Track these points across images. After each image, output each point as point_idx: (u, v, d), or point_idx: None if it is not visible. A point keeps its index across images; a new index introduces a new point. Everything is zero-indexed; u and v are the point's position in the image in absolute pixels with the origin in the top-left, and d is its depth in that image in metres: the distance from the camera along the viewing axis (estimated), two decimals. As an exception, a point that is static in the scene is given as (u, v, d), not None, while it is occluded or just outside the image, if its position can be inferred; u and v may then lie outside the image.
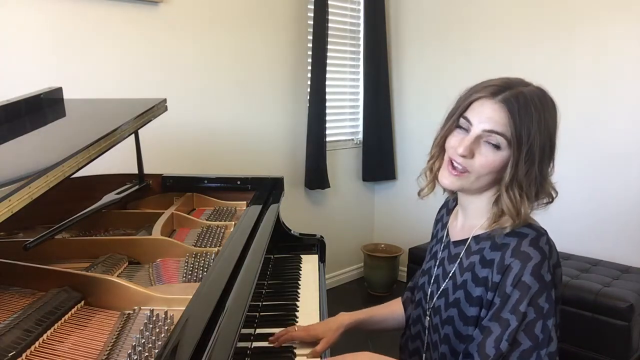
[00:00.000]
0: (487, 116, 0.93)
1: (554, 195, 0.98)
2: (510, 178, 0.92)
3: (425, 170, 1.08)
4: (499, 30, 2.89)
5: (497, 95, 0.93)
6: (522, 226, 0.94)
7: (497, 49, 2.88)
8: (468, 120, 0.96)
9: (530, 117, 0.90)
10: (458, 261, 1.03)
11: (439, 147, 1.04)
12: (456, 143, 0.96)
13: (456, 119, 0.98)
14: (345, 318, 1.20)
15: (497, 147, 0.92)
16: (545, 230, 0.95)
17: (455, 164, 0.97)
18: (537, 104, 0.92)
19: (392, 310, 1.28)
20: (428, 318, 1.08)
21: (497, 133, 0.92)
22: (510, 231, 0.94)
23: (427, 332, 1.09)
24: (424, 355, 1.12)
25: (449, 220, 1.14)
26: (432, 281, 1.10)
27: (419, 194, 1.09)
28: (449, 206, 1.19)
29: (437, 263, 1.11)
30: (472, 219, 1.03)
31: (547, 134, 0.92)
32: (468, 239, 1.02)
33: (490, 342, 0.89)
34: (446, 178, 0.98)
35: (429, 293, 1.10)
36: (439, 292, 1.05)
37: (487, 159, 0.93)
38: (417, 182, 1.09)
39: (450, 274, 1.03)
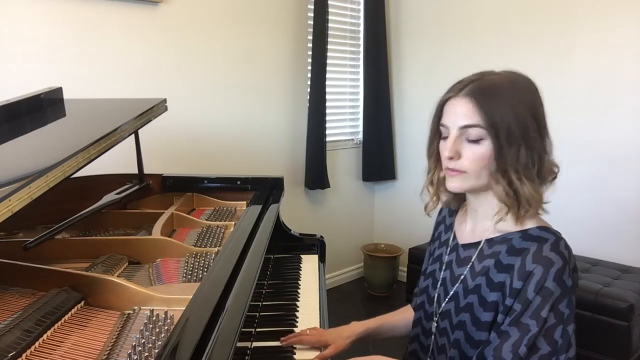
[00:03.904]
0: (457, 114, 0.94)
1: (556, 171, 0.96)
2: (498, 167, 0.92)
3: (427, 184, 1.07)
4: (499, 30, 2.89)
5: (462, 91, 0.94)
6: (539, 230, 0.93)
7: (497, 48, 2.89)
8: (444, 125, 0.97)
9: (499, 101, 0.90)
10: (469, 265, 1.01)
11: (434, 159, 1.04)
12: (444, 150, 0.97)
13: (435, 128, 1.00)
14: (357, 327, 1.20)
15: (478, 139, 0.92)
16: (561, 234, 0.93)
17: (450, 170, 0.97)
18: (505, 86, 0.92)
19: (404, 316, 1.26)
20: (435, 322, 1.07)
21: (472, 126, 0.92)
22: (529, 235, 0.93)
23: (433, 335, 1.08)
24: (425, 357, 1.11)
25: (455, 223, 1.12)
26: (438, 285, 1.08)
27: (425, 209, 1.08)
28: (452, 207, 1.17)
29: (443, 266, 1.09)
30: (483, 221, 1.01)
31: (525, 112, 0.91)
32: (480, 242, 1.00)
33: (508, 346, 0.88)
34: (451, 182, 0.97)
35: (434, 297, 1.08)
36: (448, 296, 1.04)
37: (474, 153, 0.93)
38: (421, 198, 1.08)
39: (461, 278, 1.01)
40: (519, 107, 0.91)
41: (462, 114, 0.93)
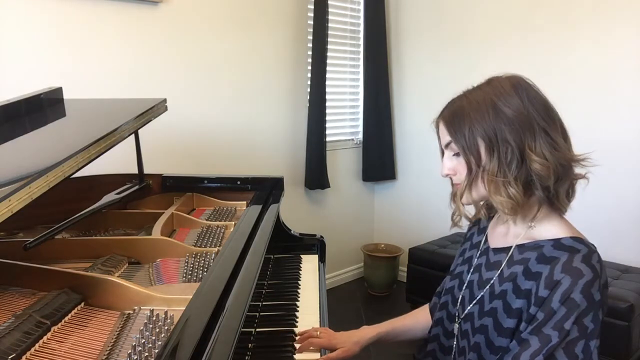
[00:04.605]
0: (440, 135, 1.02)
1: (574, 166, 0.96)
2: (474, 177, 0.95)
3: (452, 196, 1.08)
4: (499, 29, 2.89)
5: (440, 114, 1.02)
6: (573, 240, 0.92)
7: (498, 48, 2.89)
8: (440, 146, 1.04)
9: (462, 120, 0.95)
10: (499, 270, 1.00)
11: None
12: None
13: (439, 148, 1.05)
14: (368, 332, 1.19)
15: (458, 154, 0.98)
16: (595, 247, 0.92)
17: (455, 184, 1.03)
18: (473, 103, 0.96)
19: (417, 319, 1.25)
20: (456, 324, 1.07)
21: (449, 143, 0.99)
22: (561, 244, 0.92)
23: (455, 337, 1.07)
24: (444, 358, 1.10)
25: (489, 226, 1.12)
26: (464, 287, 1.08)
27: (452, 219, 1.08)
28: (479, 217, 1.16)
29: (471, 269, 1.09)
30: (515, 226, 1.01)
31: (493, 123, 0.93)
32: (510, 247, 0.99)
33: (526, 355, 0.87)
34: (458, 196, 1.01)
35: (459, 298, 1.08)
36: (474, 300, 1.03)
37: (460, 166, 0.98)
38: (450, 206, 1.09)
39: (489, 283, 1.00)
40: (491, 121, 0.93)
41: (442, 133, 1.01)
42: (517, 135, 0.92)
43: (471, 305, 1.03)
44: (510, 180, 0.92)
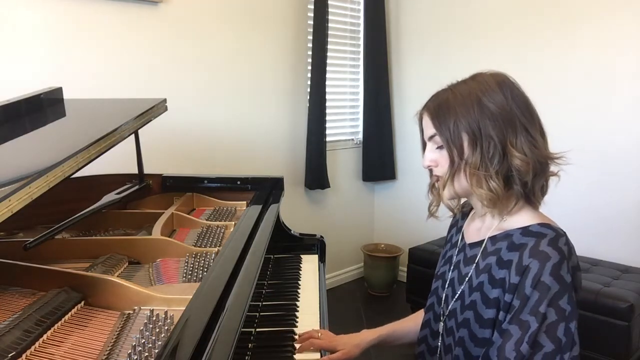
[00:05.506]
0: (424, 127, 1.04)
1: (550, 163, 0.97)
2: (456, 169, 0.97)
3: (430, 187, 1.10)
4: (499, 29, 2.89)
5: (424, 106, 1.03)
6: (540, 226, 0.94)
7: (497, 48, 2.89)
8: (423, 138, 1.05)
9: (448, 113, 0.97)
10: (474, 263, 1.02)
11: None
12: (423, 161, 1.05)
13: (422, 140, 1.07)
14: (369, 335, 1.20)
15: (441, 147, 0.99)
16: (565, 232, 0.94)
17: (435, 176, 1.04)
18: (458, 97, 0.97)
19: (417, 322, 1.25)
20: (442, 322, 1.08)
21: (433, 135, 1.00)
22: (529, 231, 0.94)
23: (440, 336, 1.08)
24: (432, 359, 1.11)
25: (465, 224, 1.14)
26: (446, 285, 1.10)
27: (429, 209, 1.10)
28: (464, 210, 1.18)
29: (451, 267, 1.11)
30: (488, 220, 1.03)
31: (478, 117, 0.95)
32: (484, 240, 1.02)
33: (511, 345, 0.88)
34: (440, 189, 1.02)
35: (443, 297, 1.10)
36: (455, 296, 1.04)
37: (443, 157, 0.99)
38: (427, 197, 1.11)
39: (467, 277, 1.03)
40: (475, 115, 0.95)
41: (426, 125, 1.02)
42: (499, 131, 0.94)
43: (453, 301, 1.05)
44: (492, 174, 0.94)
